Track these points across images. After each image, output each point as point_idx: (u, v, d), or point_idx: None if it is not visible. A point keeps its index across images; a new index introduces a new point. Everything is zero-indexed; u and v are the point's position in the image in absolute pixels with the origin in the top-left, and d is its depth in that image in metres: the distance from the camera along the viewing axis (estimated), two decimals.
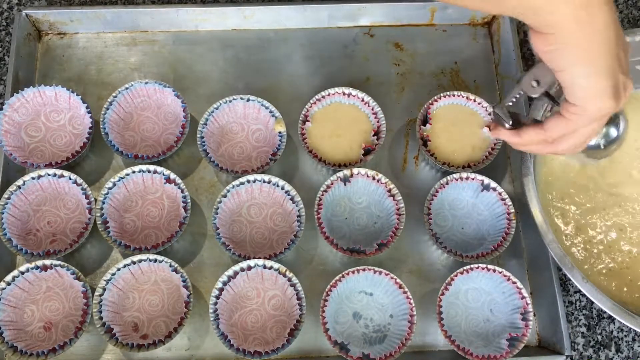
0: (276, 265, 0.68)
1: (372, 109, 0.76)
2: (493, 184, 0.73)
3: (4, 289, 0.67)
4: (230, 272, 0.68)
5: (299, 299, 0.68)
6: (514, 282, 0.69)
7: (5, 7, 0.85)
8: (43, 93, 0.76)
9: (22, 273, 0.68)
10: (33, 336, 0.68)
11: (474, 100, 0.77)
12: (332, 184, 0.72)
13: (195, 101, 0.80)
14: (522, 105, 0.64)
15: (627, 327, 0.73)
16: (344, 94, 0.77)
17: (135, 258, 0.68)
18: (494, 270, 0.69)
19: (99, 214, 0.70)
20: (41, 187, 0.72)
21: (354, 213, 0.75)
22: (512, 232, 0.71)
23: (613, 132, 0.65)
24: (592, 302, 0.70)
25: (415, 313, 0.67)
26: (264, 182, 0.72)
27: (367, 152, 0.75)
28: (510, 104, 0.59)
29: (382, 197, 0.74)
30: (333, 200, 0.75)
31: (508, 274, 0.69)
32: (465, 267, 0.69)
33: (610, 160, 0.75)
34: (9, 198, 0.70)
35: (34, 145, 0.76)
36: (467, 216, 0.75)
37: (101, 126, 0.74)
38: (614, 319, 0.73)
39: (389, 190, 0.72)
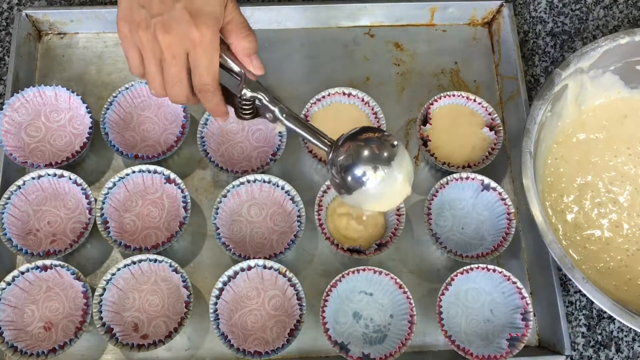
0: (276, 265, 0.68)
1: (372, 109, 0.76)
2: (493, 184, 0.73)
3: (4, 289, 0.67)
4: (230, 272, 0.68)
5: (299, 299, 0.68)
6: (514, 282, 0.69)
7: (5, 7, 0.85)
8: (43, 93, 0.76)
9: (22, 273, 0.68)
10: (33, 336, 0.68)
11: (474, 100, 0.77)
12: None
13: None
14: None
15: (627, 327, 0.73)
16: (344, 94, 0.77)
17: (135, 258, 0.68)
18: (494, 270, 0.69)
19: (99, 214, 0.70)
20: (41, 187, 0.72)
21: None
22: (512, 232, 0.71)
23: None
24: (592, 302, 0.70)
25: (415, 313, 0.67)
26: (264, 182, 0.72)
27: None
28: None
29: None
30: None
31: (508, 274, 0.69)
32: (465, 267, 0.69)
33: (607, 160, 0.76)
34: (9, 198, 0.70)
35: (34, 145, 0.76)
36: (467, 216, 0.75)
37: (101, 126, 0.74)
38: (614, 319, 0.73)
39: None
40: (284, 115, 0.60)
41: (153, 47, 0.54)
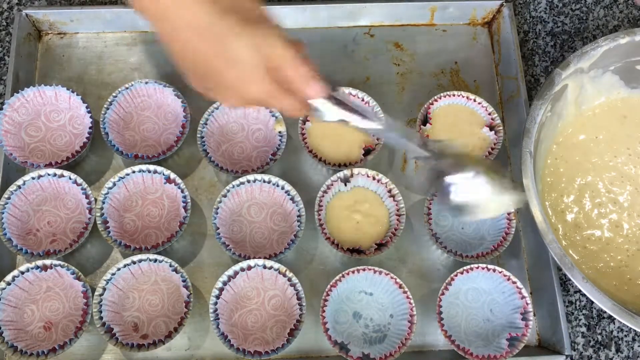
0: (276, 265, 0.68)
1: (372, 109, 0.76)
2: None
3: (4, 289, 0.67)
4: (230, 272, 0.68)
5: (299, 299, 0.68)
6: (514, 282, 0.69)
7: (5, 7, 0.85)
8: (43, 93, 0.76)
9: (22, 273, 0.68)
10: (33, 336, 0.68)
11: (474, 100, 0.77)
12: (332, 184, 0.72)
13: (196, 101, 0.80)
14: None
15: (627, 327, 0.73)
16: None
17: (135, 258, 0.68)
18: (494, 270, 0.69)
19: (99, 214, 0.70)
20: (41, 187, 0.72)
21: None
22: (512, 232, 0.71)
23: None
24: (592, 302, 0.70)
25: (415, 313, 0.67)
26: (264, 182, 0.72)
27: (367, 152, 0.75)
28: None
29: (382, 197, 0.74)
30: None
31: (508, 274, 0.69)
32: (465, 267, 0.69)
33: (607, 160, 0.76)
34: (9, 198, 0.70)
35: (34, 145, 0.76)
36: None
37: (101, 126, 0.74)
38: (614, 318, 0.73)
39: (389, 190, 0.72)
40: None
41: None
